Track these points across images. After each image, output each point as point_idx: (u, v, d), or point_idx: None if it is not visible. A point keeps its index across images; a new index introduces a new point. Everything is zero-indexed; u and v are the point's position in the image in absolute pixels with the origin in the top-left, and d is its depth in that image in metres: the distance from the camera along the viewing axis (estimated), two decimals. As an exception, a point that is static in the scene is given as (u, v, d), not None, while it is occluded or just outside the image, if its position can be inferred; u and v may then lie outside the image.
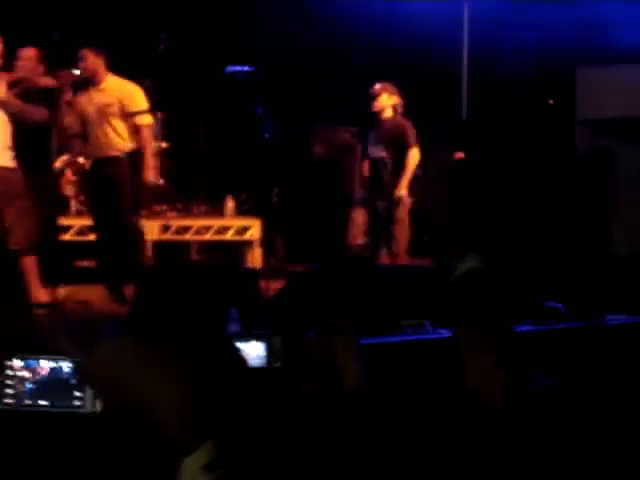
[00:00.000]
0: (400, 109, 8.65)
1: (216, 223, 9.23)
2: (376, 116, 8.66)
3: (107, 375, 2.90)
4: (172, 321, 4.84)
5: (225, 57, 9.76)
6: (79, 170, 8.99)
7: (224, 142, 10.62)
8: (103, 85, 7.48)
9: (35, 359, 3.15)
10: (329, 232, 9.47)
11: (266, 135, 8.67)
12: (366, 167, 8.95)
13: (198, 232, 9.24)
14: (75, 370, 3.15)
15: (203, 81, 10.53)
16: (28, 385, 3.14)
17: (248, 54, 9.77)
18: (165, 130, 9.59)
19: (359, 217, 8.99)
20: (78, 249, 9.19)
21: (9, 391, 3.18)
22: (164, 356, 3.05)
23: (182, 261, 8.31)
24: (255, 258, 9.10)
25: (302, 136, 10.18)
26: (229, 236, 9.23)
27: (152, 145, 7.80)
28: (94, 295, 7.54)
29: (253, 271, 8.13)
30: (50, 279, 7.34)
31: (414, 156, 8.48)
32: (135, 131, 7.48)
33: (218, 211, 9.59)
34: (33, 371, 3.14)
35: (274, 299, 5.58)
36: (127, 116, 7.46)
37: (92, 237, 8.59)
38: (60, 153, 9.07)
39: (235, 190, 9.72)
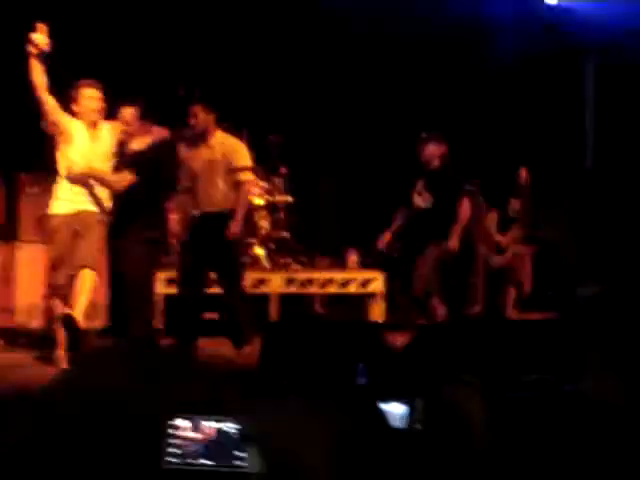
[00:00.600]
0: None
1: (340, 276, 9.28)
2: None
3: (270, 435, 2.92)
4: (302, 375, 4.87)
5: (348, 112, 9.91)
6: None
7: (347, 196, 10.72)
8: (212, 141, 7.62)
9: (199, 419, 3.17)
10: (452, 287, 9.41)
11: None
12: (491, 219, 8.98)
13: (322, 285, 9.30)
14: (239, 430, 3.16)
15: (326, 136, 10.66)
16: (192, 445, 3.15)
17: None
18: (289, 184, 9.71)
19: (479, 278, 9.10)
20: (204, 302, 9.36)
21: (173, 450, 3.19)
22: (317, 413, 3.06)
23: (307, 315, 8.38)
24: (379, 311, 9.10)
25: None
26: (353, 289, 9.26)
27: (247, 201, 7.90)
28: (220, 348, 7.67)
29: (378, 324, 8.13)
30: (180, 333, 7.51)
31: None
32: (236, 187, 7.64)
33: (341, 264, 9.65)
34: (197, 431, 3.15)
35: (401, 353, 5.56)
36: (231, 172, 7.61)
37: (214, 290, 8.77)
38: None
39: (358, 243, 9.77)
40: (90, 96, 6.98)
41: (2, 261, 8.07)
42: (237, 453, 3.05)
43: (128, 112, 7.37)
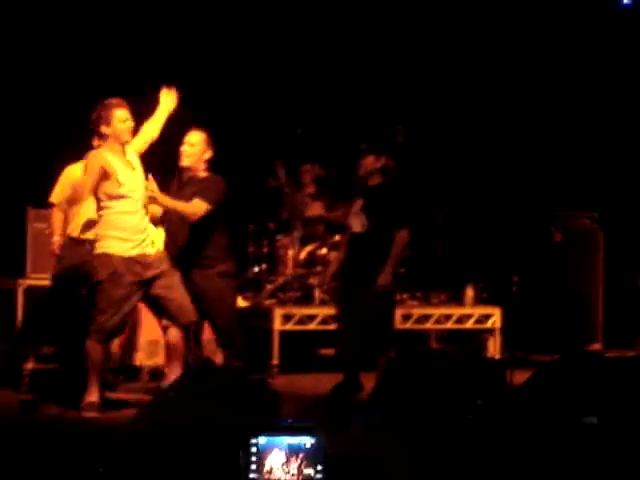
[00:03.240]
0: None
1: (456, 312, 9.22)
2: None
3: (356, 454, 2.93)
4: (417, 408, 4.85)
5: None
6: (323, 261, 9.25)
7: (462, 231, 10.67)
8: None
9: (279, 436, 3.24)
10: (572, 322, 9.27)
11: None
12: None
13: (438, 321, 9.25)
14: (319, 446, 3.21)
15: (439, 171, 10.66)
16: (274, 460, 3.26)
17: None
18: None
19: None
20: (321, 338, 9.43)
21: (254, 467, 3.33)
22: (412, 441, 3.06)
23: (424, 350, 8.34)
24: (496, 347, 9.01)
25: (541, 222, 10.07)
26: (469, 325, 9.19)
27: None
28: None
29: (497, 361, 8.03)
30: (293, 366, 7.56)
31: None
32: None
33: (458, 300, 9.57)
34: (277, 447, 3.26)
35: (521, 391, 5.49)
36: None
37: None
38: (304, 243, 9.41)
39: (474, 278, 9.69)
40: (124, 118, 6.63)
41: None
42: (319, 467, 3.07)
43: (196, 137, 7.24)
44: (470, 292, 9.48)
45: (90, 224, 7.04)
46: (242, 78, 10.16)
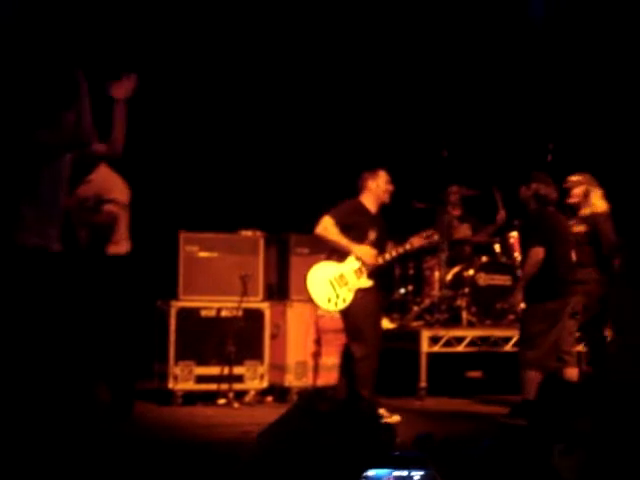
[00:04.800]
0: None
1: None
2: None
3: None
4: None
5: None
6: (470, 282, 9.16)
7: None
8: None
9: (388, 468, 3.22)
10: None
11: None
12: None
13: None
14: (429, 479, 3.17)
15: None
16: None
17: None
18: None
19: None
20: (469, 360, 9.33)
21: None
22: None
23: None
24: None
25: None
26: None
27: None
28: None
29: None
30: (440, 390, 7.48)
31: None
32: None
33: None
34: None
35: None
36: None
37: (484, 348, 8.73)
38: (451, 264, 9.34)
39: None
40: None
41: (274, 319, 8.37)
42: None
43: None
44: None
45: None
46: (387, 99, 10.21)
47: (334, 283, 7.15)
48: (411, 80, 10.28)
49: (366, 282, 7.19)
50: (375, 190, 7.37)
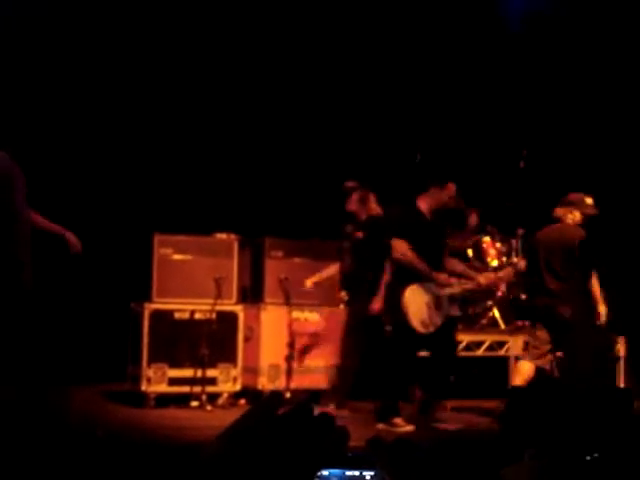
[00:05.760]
0: None
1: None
2: None
3: None
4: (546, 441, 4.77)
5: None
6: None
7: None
8: None
9: (340, 469, 3.26)
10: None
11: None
12: None
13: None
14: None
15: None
16: None
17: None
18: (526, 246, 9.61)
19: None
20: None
21: None
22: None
23: (551, 379, 8.18)
24: (621, 376, 8.79)
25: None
26: (594, 353, 9.00)
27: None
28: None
29: (623, 390, 7.83)
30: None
31: None
32: None
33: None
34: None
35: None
36: None
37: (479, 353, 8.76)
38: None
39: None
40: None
41: (248, 322, 8.38)
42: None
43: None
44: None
45: None
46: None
47: (431, 306, 7.17)
48: (386, 85, 10.31)
49: (456, 310, 7.30)
50: (438, 201, 7.42)
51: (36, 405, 6.74)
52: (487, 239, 9.38)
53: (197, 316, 8.14)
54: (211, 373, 8.08)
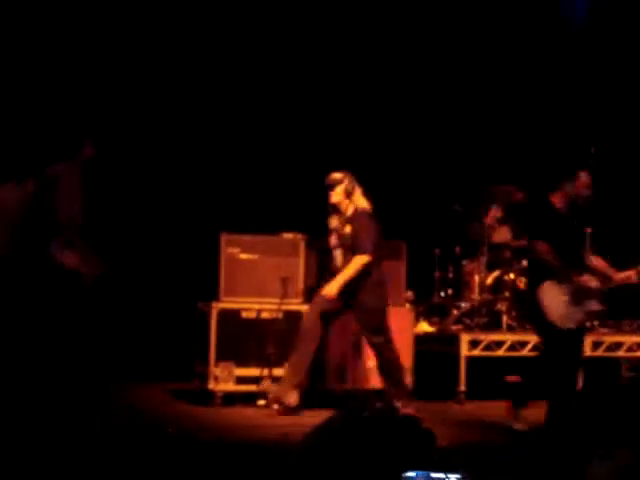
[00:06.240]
0: None
1: (650, 339, 8.93)
2: None
3: None
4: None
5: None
6: (511, 287, 9.15)
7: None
8: None
9: (425, 471, 3.24)
10: None
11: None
12: None
13: (630, 349, 9.00)
14: None
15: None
16: None
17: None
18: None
19: None
20: (508, 365, 9.30)
21: None
22: None
23: (614, 379, 8.10)
24: None
25: None
26: (664, 353, 8.89)
27: None
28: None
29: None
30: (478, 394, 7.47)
31: None
32: None
33: (652, 327, 9.28)
34: None
35: None
36: None
37: (524, 353, 8.70)
38: (491, 268, 9.32)
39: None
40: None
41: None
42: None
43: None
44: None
45: None
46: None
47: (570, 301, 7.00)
48: (453, 81, 10.28)
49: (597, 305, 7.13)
50: (570, 193, 7.03)
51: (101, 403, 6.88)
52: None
53: (264, 315, 8.18)
54: (278, 372, 8.11)
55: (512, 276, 9.15)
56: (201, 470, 5.20)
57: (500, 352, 8.75)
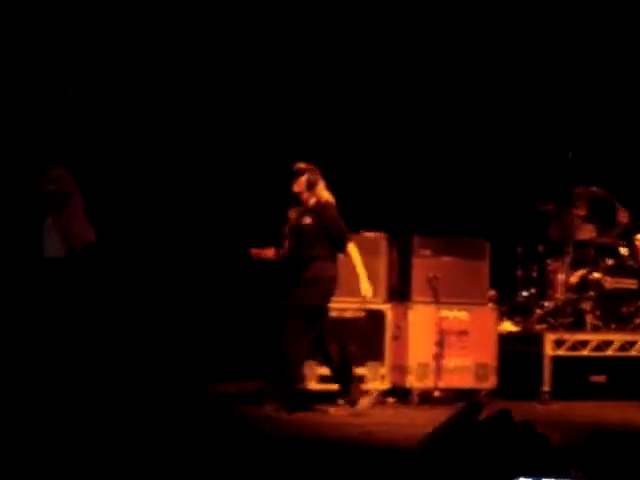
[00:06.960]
0: None
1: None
2: None
3: None
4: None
5: None
6: (596, 286, 9.01)
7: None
8: None
9: (538, 477, 3.18)
10: None
11: None
12: None
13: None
14: None
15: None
16: None
17: None
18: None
19: None
20: (593, 365, 9.19)
21: None
22: None
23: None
24: None
25: None
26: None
27: None
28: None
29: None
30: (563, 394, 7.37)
31: None
32: None
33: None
34: None
35: None
36: None
37: (609, 353, 8.58)
38: (575, 267, 9.19)
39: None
40: None
41: (396, 321, 8.38)
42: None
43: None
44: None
45: None
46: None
47: None
48: (537, 81, 10.17)
49: None
50: None
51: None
52: (640, 237, 9.12)
53: (346, 314, 8.19)
54: (359, 371, 8.11)
55: (598, 275, 9.01)
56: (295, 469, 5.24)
57: (585, 352, 8.63)
